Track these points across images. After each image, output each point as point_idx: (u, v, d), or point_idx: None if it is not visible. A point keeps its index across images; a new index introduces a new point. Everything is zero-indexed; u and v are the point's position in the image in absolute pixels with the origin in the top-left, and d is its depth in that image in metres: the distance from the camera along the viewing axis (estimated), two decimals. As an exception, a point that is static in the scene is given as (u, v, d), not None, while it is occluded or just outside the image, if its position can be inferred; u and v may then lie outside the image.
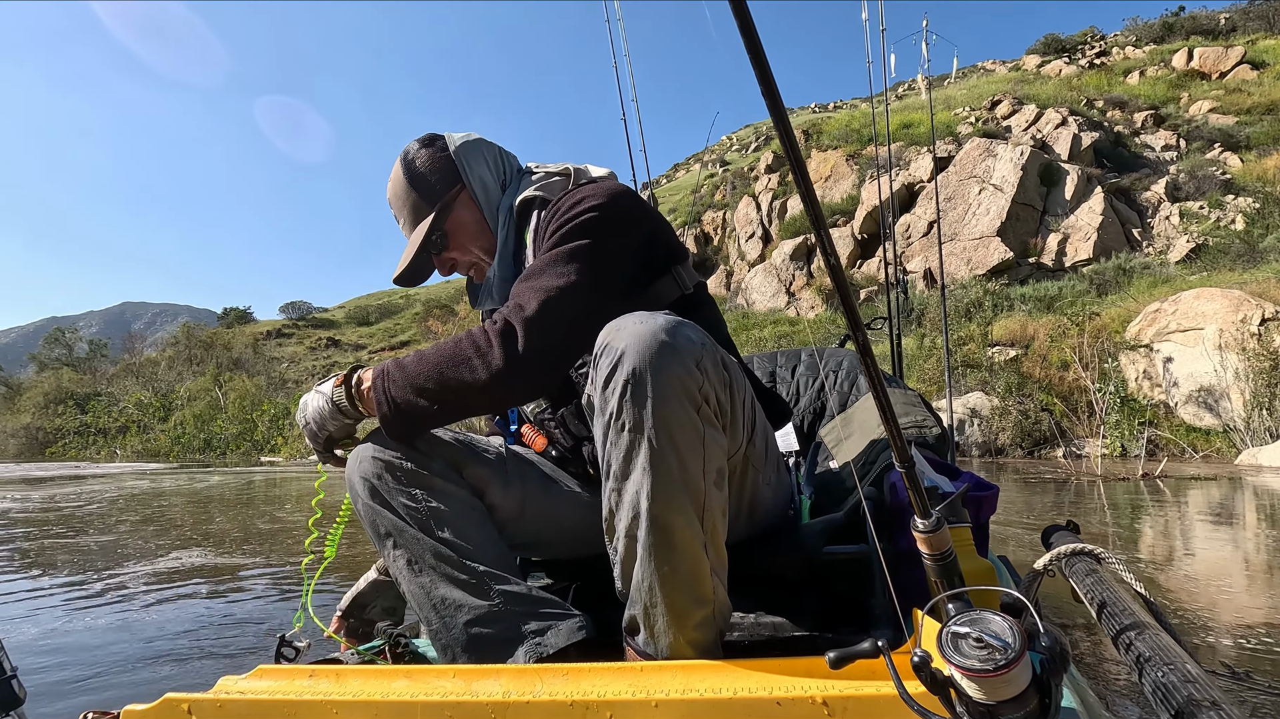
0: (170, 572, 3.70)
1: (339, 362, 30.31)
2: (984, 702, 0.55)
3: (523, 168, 1.22)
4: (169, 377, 30.53)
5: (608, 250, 0.99)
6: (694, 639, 0.81)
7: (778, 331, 14.38)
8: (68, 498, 8.48)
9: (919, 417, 1.28)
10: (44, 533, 5.44)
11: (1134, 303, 10.32)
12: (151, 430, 26.39)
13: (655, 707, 0.71)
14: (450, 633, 0.93)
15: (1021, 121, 16.73)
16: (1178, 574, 2.85)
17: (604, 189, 1.05)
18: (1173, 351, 8.94)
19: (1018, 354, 10.35)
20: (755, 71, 0.52)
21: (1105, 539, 3.65)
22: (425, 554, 0.95)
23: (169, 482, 11.33)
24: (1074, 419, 8.89)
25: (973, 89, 21.12)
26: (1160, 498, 5.21)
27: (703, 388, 0.79)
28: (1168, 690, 0.51)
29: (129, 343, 43.62)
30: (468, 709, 0.74)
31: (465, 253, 1.18)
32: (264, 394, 25.55)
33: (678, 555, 0.79)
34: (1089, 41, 24.94)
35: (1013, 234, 13.88)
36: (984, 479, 0.95)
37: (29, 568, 3.98)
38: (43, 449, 28.42)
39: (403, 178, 1.16)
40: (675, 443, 0.77)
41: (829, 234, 0.59)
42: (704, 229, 21.88)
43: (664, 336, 0.77)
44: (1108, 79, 19.49)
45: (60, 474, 14.67)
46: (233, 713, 0.78)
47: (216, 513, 6.77)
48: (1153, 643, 0.58)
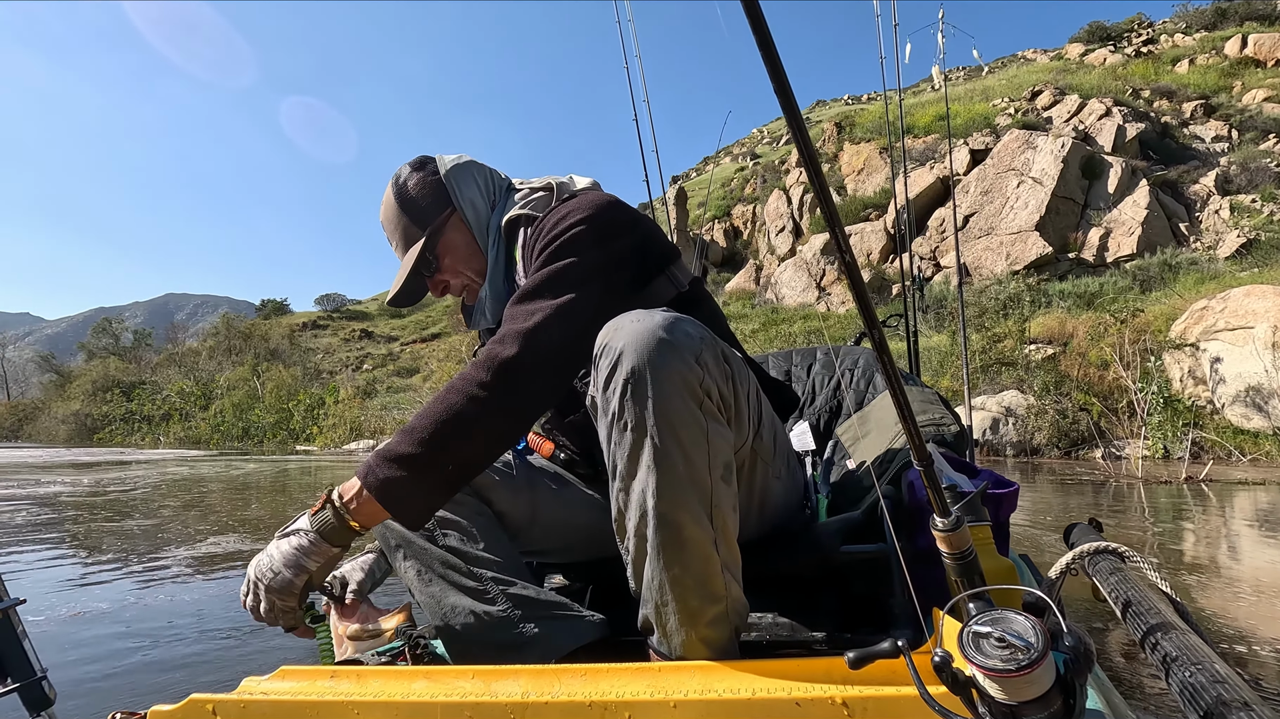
0: (210, 556, 3.81)
1: (371, 353, 30.87)
2: (1006, 702, 0.55)
3: (510, 186, 1.21)
4: (209, 366, 31.42)
5: (595, 265, 0.98)
6: (707, 637, 0.81)
7: (808, 327, 14.22)
8: (114, 483, 8.79)
9: (937, 414, 1.25)
10: (92, 516, 5.65)
11: (1179, 300, 9.97)
12: (193, 418, 27.21)
13: (674, 707, 0.71)
14: (461, 639, 0.94)
15: (1063, 112, 16.26)
16: (1219, 582, 2.76)
17: (587, 202, 1.04)
18: (1220, 351, 8.62)
19: (1055, 352, 10.08)
20: (768, 68, 0.51)
21: (1145, 544, 3.55)
22: (434, 563, 0.97)
23: (208, 468, 11.68)
24: (1113, 419, 8.64)
25: (1012, 79, 20.60)
26: (1204, 502, 5.04)
27: (704, 382, 0.78)
28: (1196, 691, 0.50)
29: (172, 333, 45.04)
30: (487, 710, 0.74)
31: (457, 275, 1.18)
32: (300, 384, 26.14)
33: (687, 553, 0.78)
34: (1136, 29, 24.08)
35: (1052, 228, 13.51)
36: (1004, 477, 0.93)
37: (79, 550, 4.14)
38: (91, 435, 29.51)
39: (394, 202, 1.16)
40: (679, 439, 0.76)
41: (844, 231, 0.58)
42: (733, 223, 21.73)
43: (661, 333, 0.77)
44: (1155, 68, 18.81)
45: (107, 459, 15.22)
46: (256, 713, 0.80)
47: (254, 499, 6.96)
48: (1180, 642, 0.56)
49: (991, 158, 15.09)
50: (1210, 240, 12.91)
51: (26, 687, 0.86)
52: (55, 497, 7.18)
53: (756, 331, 14.92)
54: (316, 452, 19.03)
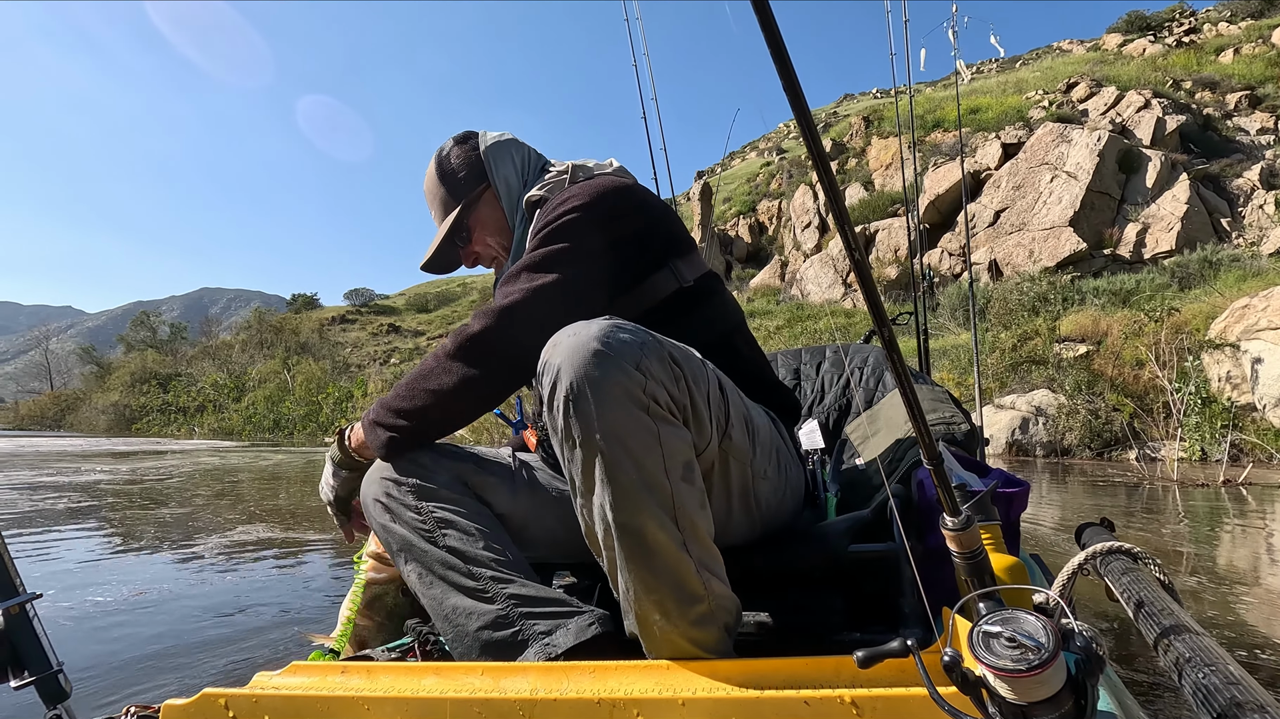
0: (241, 543, 3.91)
1: (399, 347, 31.31)
2: (1017, 703, 0.54)
3: (544, 166, 1.25)
4: (242, 359, 32.16)
5: (584, 251, 1.01)
6: (695, 638, 0.80)
7: (834, 323, 14.08)
8: (149, 472, 9.05)
9: (947, 413, 1.24)
10: (129, 503, 5.83)
11: (1220, 298, 9.66)
12: (226, 410, 27.88)
13: (682, 705, 0.71)
14: (464, 641, 0.94)
15: (1099, 105, 15.84)
16: (1260, 592, 2.68)
17: (592, 188, 1.06)
18: (1262, 351, 8.34)
19: (1088, 350, 9.85)
20: (777, 68, 0.51)
21: (1179, 550, 3.46)
22: (434, 565, 0.97)
23: (236, 458, 11.96)
24: (1148, 420, 8.42)
25: (1046, 71, 20.11)
26: (1243, 506, 4.89)
27: (647, 387, 0.77)
28: (1209, 693, 0.49)
29: (206, 326, 46.14)
30: (496, 706, 0.75)
31: (487, 248, 1.25)
32: (329, 378, 26.62)
33: (656, 558, 0.78)
34: (1177, 18, 23.35)
35: (1086, 224, 13.18)
36: (1014, 475, 0.91)
37: (116, 537, 4.27)
38: (129, 425, 30.40)
39: (434, 173, 1.24)
40: (628, 448, 0.75)
41: (854, 230, 0.57)
42: (759, 218, 21.58)
43: (596, 345, 0.76)
44: (1197, 58, 18.22)
45: (143, 449, 15.66)
46: (268, 708, 0.81)
47: (282, 490, 7.11)
48: (1193, 644, 0.55)
49: (1024, 152, 14.77)
50: (1254, 236, 12.49)
51: (44, 680, 0.87)
52: (95, 484, 7.42)
53: (781, 328, 14.82)
54: (345, 444, 19.33)
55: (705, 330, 1.09)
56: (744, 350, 1.14)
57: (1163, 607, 0.62)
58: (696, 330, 1.07)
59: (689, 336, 0.94)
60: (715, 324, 1.11)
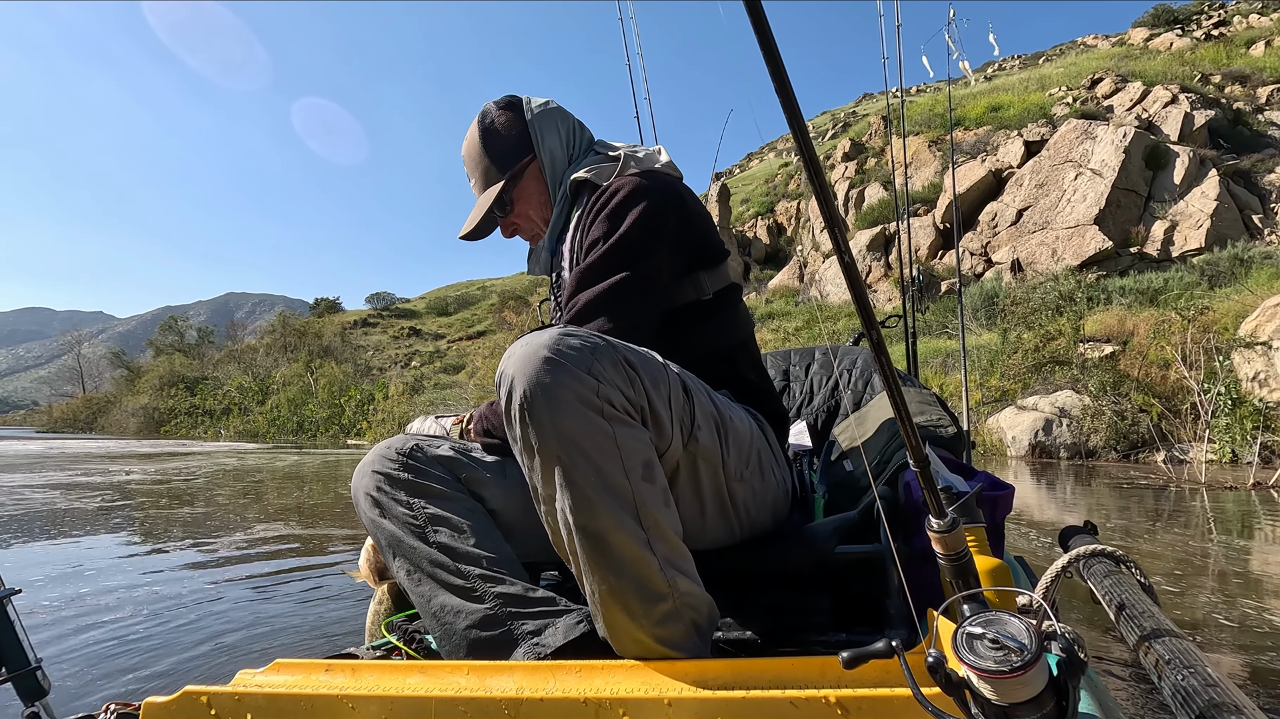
0: (263, 539, 3.98)
1: (419, 350, 31.63)
2: (999, 703, 0.54)
3: (593, 143, 1.23)
4: (266, 362, 32.68)
5: (642, 282, 1.01)
6: (660, 635, 0.80)
7: (852, 324, 13.96)
8: (175, 472, 9.24)
9: (934, 415, 1.23)
10: (155, 504, 5.95)
11: (1251, 296, 9.42)
12: (250, 412, 28.34)
13: (668, 705, 0.71)
14: (451, 640, 0.94)
15: (1125, 100, 15.54)
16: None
17: (638, 192, 1.04)
18: (1295, 350, 8.12)
19: (1114, 350, 9.66)
20: (770, 69, 0.51)
21: (1208, 554, 3.38)
22: (422, 562, 0.97)
23: (253, 459, 12.15)
24: (1175, 421, 8.23)
25: (1070, 67, 19.79)
26: (1274, 509, 4.77)
27: (600, 391, 0.77)
28: (1188, 694, 0.48)
29: (232, 330, 46.99)
30: (481, 705, 0.74)
31: (527, 221, 1.22)
32: (351, 380, 26.97)
33: (617, 559, 0.78)
34: (1206, 11, 22.84)
35: (1112, 222, 12.93)
36: (999, 479, 0.90)
37: (143, 536, 4.37)
38: (158, 428, 31.04)
39: (478, 140, 1.19)
40: (584, 452, 0.76)
41: (844, 233, 0.57)
42: (777, 219, 21.49)
43: (546, 353, 0.77)
44: (1227, 51, 17.80)
45: (170, 450, 15.99)
46: (250, 706, 0.80)
47: (304, 490, 7.22)
48: (1173, 646, 0.54)
49: (1047, 149, 14.54)
50: (1287, 233, 12.17)
51: (21, 677, 0.87)
52: (124, 484, 7.59)
53: (800, 329, 14.74)
54: (367, 445, 19.59)
55: (711, 342, 1.09)
56: (742, 364, 1.13)
57: (1144, 609, 0.61)
58: (699, 343, 1.07)
59: (690, 348, 0.93)
60: (718, 338, 1.11)
